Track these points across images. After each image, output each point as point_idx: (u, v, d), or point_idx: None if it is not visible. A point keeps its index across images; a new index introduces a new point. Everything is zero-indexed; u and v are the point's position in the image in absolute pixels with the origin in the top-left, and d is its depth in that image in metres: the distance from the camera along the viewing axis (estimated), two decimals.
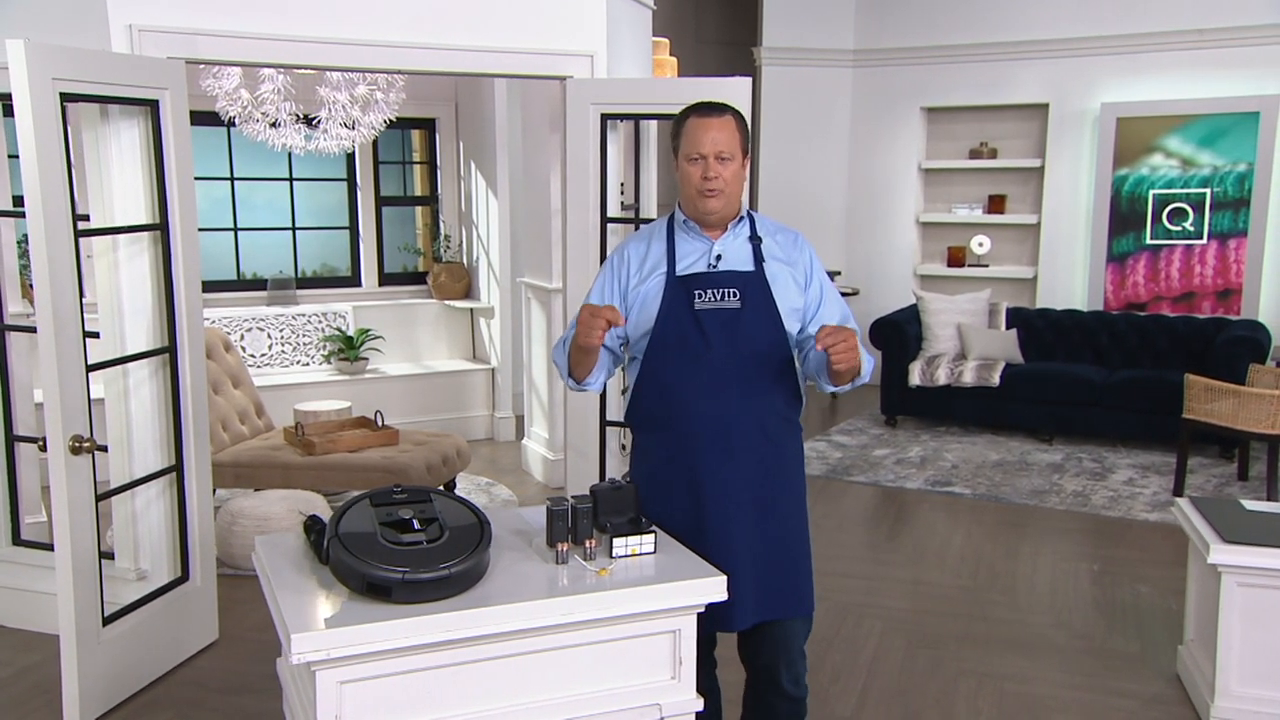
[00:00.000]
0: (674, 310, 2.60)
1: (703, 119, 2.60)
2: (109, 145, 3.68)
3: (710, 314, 2.59)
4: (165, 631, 3.77)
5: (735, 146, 2.61)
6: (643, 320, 2.65)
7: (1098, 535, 5.36)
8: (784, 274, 2.66)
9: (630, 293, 2.68)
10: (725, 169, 2.59)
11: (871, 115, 8.86)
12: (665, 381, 2.63)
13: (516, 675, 2.23)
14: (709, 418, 2.59)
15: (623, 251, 2.76)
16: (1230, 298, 7.63)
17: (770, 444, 2.64)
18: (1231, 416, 5.66)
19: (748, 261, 2.65)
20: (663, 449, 2.67)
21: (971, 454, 6.81)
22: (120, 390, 3.79)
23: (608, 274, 2.75)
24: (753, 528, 2.61)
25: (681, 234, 2.69)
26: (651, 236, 2.74)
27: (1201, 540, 3.44)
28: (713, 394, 2.59)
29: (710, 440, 2.59)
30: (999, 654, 4.00)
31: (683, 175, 2.64)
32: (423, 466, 5.10)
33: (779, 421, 2.66)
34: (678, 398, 2.62)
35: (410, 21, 4.22)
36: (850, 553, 5.12)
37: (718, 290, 2.60)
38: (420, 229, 7.93)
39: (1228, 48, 7.51)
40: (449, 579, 2.16)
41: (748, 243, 2.67)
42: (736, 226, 2.68)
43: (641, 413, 2.71)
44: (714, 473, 2.59)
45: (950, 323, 7.56)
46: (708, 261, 2.64)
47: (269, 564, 2.36)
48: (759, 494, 2.62)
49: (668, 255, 2.66)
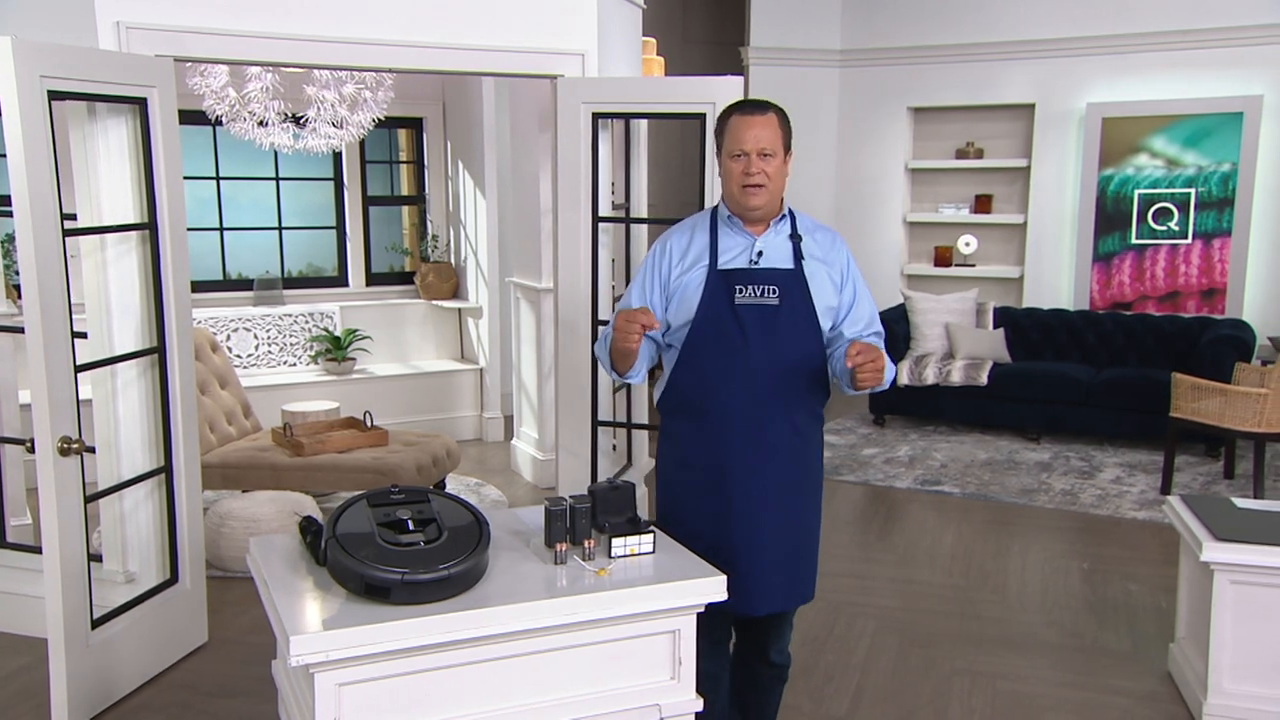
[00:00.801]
0: (715, 303, 2.65)
1: (746, 116, 2.66)
2: (96, 144, 3.64)
3: (750, 309, 2.63)
4: (154, 634, 3.73)
5: (778, 143, 2.65)
6: (683, 311, 2.70)
7: (1087, 533, 5.38)
8: (821, 272, 2.71)
9: (672, 283, 2.73)
10: (768, 165, 2.63)
11: (859, 115, 8.88)
12: (702, 372, 2.68)
13: (516, 676, 2.22)
14: (744, 411, 2.65)
15: (665, 243, 2.80)
16: (1215, 297, 7.68)
17: (800, 438, 2.70)
18: (1218, 415, 5.69)
19: (788, 259, 2.70)
20: (695, 437, 2.71)
21: (960, 453, 6.82)
22: (108, 391, 3.75)
23: (649, 266, 2.80)
24: (780, 518, 2.68)
25: (725, 228, 2.74)
26: (695, 229, 2.79)
27: (1194, 538, 3.45)
28: (748, 388, 2.64)
29: (743, 432, 2.65)
30: (992, 652, 4.01)
31: (726, 171, 2.69)
32: (413, 467, 5.08)
33: (808, 417, 2.73)
34: (714, 389, 2.66)
35: (400, 20, 4.20)
36: (842, 552, 5.12)
37: (758, 287, 2.65)
38: (407, 229, 7.89)
39: (1212, 48, 7.55)
40: (449, 580, 2.14)
41: (788, 240, 2.73)
42: (778, 224, 2.73)
43: (676, 400, 2.76)
44: (745, 464, 2.65)
45: (938, 322, 7.58)
46: (749, 257, 2.69)
47: (264, 566, 2.34)
48: (787, 486, 2.69)
49: (710, 248, 2.71)
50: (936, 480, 6.23)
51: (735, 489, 2.66)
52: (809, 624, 4.22)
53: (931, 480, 6.23)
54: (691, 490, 2.71)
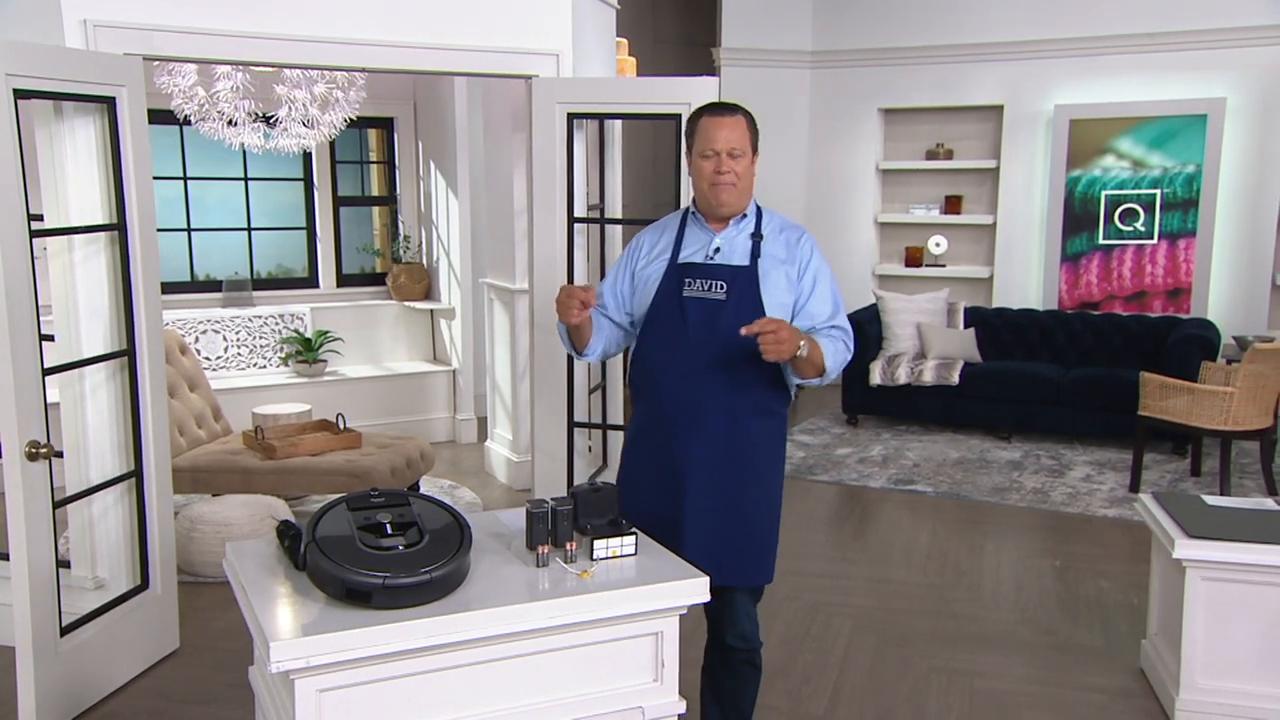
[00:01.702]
0: (666, 294, 2.79)
1: (716, 117, 2.79)
2: (63, 143, 3.58)
3: (695, 301, 2.75)
4: (125, 641, 3.68)
5: (746, 144, 2.78)
6: (644, 300, 2.85)
7: (1058, 531, 5.43)
8: (778, 271, 2.79)
9: (638, 274, 2.90)
10: (737, 165, 2.76)
11: (830, 116, 8.92)
12: (649, 359, 2.84)
13: (498, 680, 2.20)
14: (679, 398, 2.77)
15: (639, 238, 2.98)
16: (1180, 297, 7.78)
17: (739, 429, 2.77)
18: (1185, 413, 5.76)
19: (744, 256, 2.80)
20: (642, 418, 2.89)
21: (933, 452, 6.87)
22: (76, 394, 3.69)
23: (624, 257, 2.97)
24: (714, 502, 2.76)
25: (691, 225, 2.88)
26: (666, 226, 2.95)
27: (1166, 535, 3.49)
28: (685, 377, 2.75)
29: (680, 418, 2.77)
30: (967, 650, 4.03)
31: (696, 170, 2.81)
32: (386, 470, 5.04)
33: (752, 410, 2.79)
34: (656, 375, 2.82)
35: (374, 19, 4.16)
36: (817, 551, 5.14)
37: (706, 281, 2.77)
38: (378, 229, 7.83)
39: (1178, 51, 7.65)
40: (430, 584, 2.12)
41: (749, 238, 2.82)
42: (740, 222, 2.85)
43: (632, 384, 2.94)
44: (683, 448, 2.76)
45: (910, 322, 7.62)
46: (706, 253, 2.81)
47: (241, 571, 2.31)
48: (724, 474, 2.77)
49: (675, 244, 2.86)
50: (910, 479, 6.27)
51: (675, 471, 2.76)
52: (786, 624, 4.23)
53: (905, 479, 6.27)
54: (639, 467, 2.86)
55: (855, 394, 7.55)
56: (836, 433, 7.40)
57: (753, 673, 2.95)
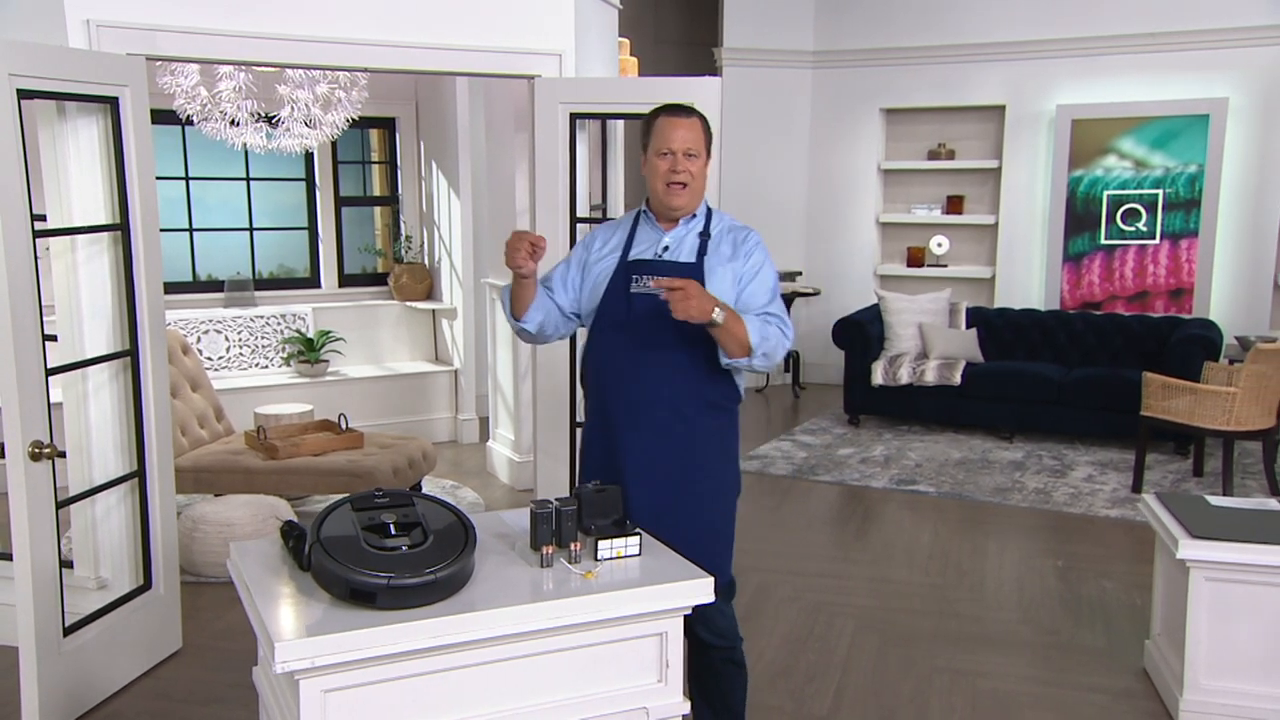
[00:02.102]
0: (615, 289, 2.84)
1: (672, 118, 2.84)
2: (66, 143, 3.58)
3: (642, 298, 2.79)
4: (128, 641, 3.67)
5: (701, 145, 2.84)
6: (593, 296, 2.89)
7: (1060, 532, 5.43)
8: (724, 269, 2.84)
9: (589, 267, 2.93)
10: (692, 165, 2.82)
11: (831, 116, 8.91)
12: (596, 354, 2.89)
13: (502, 680, 2.20)
14: (624, 393, 2.82)
15: (594, 232, 3.04)
16: (1182, 297, 7.78)
17: (684, 424, 2.81)
18: (1188, 414, 5.76)
19: (691, 254, 2.85)
20: (592, 416, 2.95)
21: (934, 452, 6.86)
22: (79, 394, 3.68)
23: (577, 249, 3.03)
24: (661, 498, 2.78)
25: (643, 224, 2.94)
26: (620, 224, 3.01)
27: (1169, 535, 3.49)
28: (630, 372, 2.80)
29: (624, 413, 2.82)
30: (970, 651, 4.03)
31: (651, 169, 2.86)
32: (389, 470, 5.03)
33: (698, 404, 2.83)
34: (602, 370, 2.87)
35: (376, 19, 4.16)
36: (820, 552, 5.13)
37: (654, 278, 2.79)
38: (380, 229, 7.83)
39: (1180, 51, 7.65)
40: (435, 584, 2.12)
41: (697, 237, 2.88)
42: (689, 221, 2.90)
43: (585, 379, 2.99)
44: (628, 443, 2.81)
45: (912, 322, 7.62)
46: (655, 251, 2.87)
47: (246, 572, 2.30)
48: (670, 469, 2.80)
49: (626, 241, 2.91)
50: (912, 480, 6.27)
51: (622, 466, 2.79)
52: (789, 624, 4.23)
53: (907, 480, 6.27)
54: (590, 461, 2.90)
55: (857, 394, 7.54)
56: (838, 433, 7.40)
57: (736, 670, 2.96)
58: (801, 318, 8.95)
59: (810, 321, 8.96)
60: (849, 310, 8.19)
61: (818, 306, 8.90)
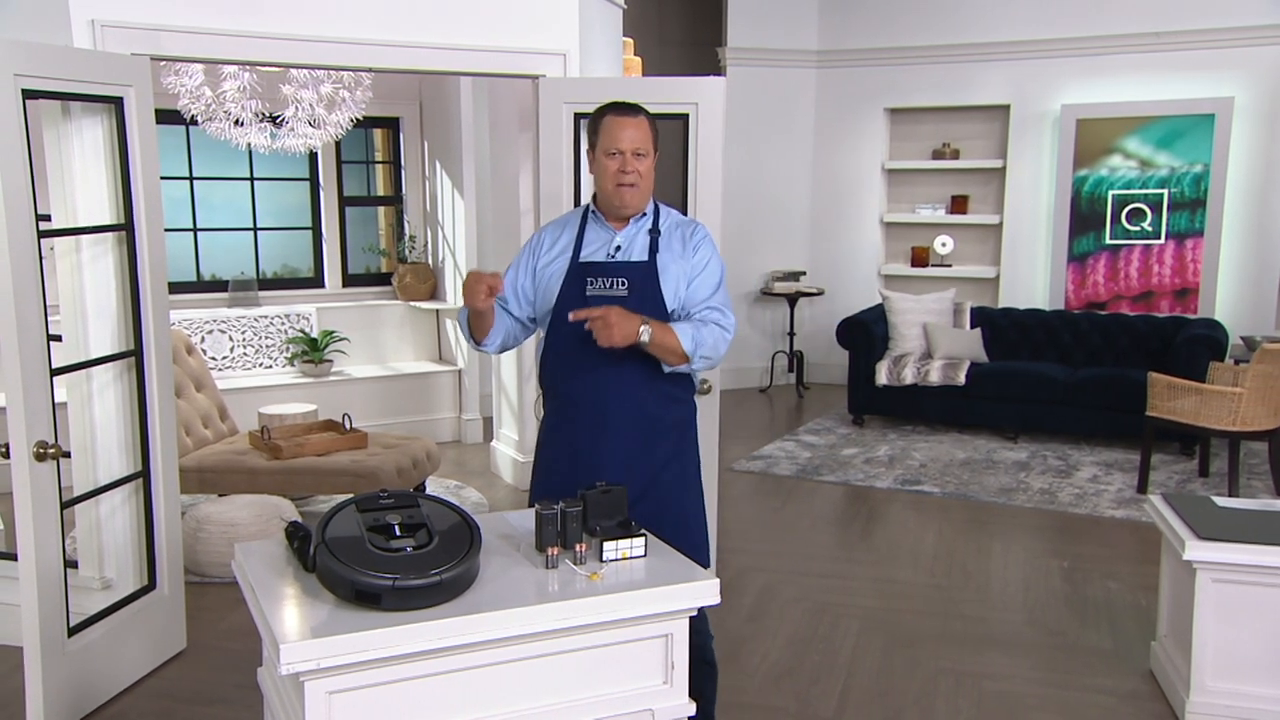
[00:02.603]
0: (570, 293, 2.83)
1: (620, 117, 2.84)
2: (71, 143, 3.58)
3: (599, 300, 2.78)
4: (132, 642, 3.67)
5: (649, 144, 2.84)
6: (546, 299, 2.88)
7: (1066, 532, 5.41)
8: (676, 265, 2.87)
9: (539, 271, 2.91)
10: (641, 164, 2.81)
11: (835, 116, 8.90)
12: (555, 357, 2.88)
13: (507, 682, 2.19)
14: (586, 394, 2.82)
15: (540, 234, 3.01)
16: (1187, 297, 7.76)
17: (649, 421, 2.84)
18: (1193, 414, 5.74)
19: (643, 252, 2.87)
20: (551, 417, 2.94)
21: (939, 452, 6.85)
22: (84, 395, 3.69)
23: (525, 252, 2.99)
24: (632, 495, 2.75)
25: (591, 224, 2.92)
26: (567, 223, 2.98)
27: (1176, 537, 3.48)
28: (592, 372, 2.80)
29: (587, 414, 2.82)
30: (975, 652, 4.02)
31: (600, 169, 2.86)
32: (393, 470, 5.03)
33: (660, 399, 2.86)
34: (563, 373, 2.87)
35: (380, 19, 4.15)
36: (824, 552, 5.12)
37: (609, 279, 2.82)
38: (384, 229, 7.83)
39: (1185, 51, 7.63)
40: (440, 585, 2.11)
41: (647, 235, 2.89)
42: (639, 220, 2.91)
43: (543, 383, 2.97)
44: (592, 445, 2.81)
45: (916, 322, 7.61)
46: (608, 251, 2.87)
47: (251, 573, 2.30)
48: (638, 468, 2.81)
49: (575, 242, 2.89)
50: (916, 480, 6.25)
51: (582, 470, 2.76)
52: (793, 625, 4.22)
53: (911, 480, 6.25)
54: (547, 467, 2.89)
55: (861, 394, 7.53)
56: (842, 433, 7.38)
57: (708, 670, 2.95)
58: (805, 317, 8.94)
59: (814, 321, 8.95)
60: (853, 310, 8.18)
61: (822, 306, 8.89)
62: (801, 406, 8.31)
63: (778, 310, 8.94)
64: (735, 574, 4.76)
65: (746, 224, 8.80)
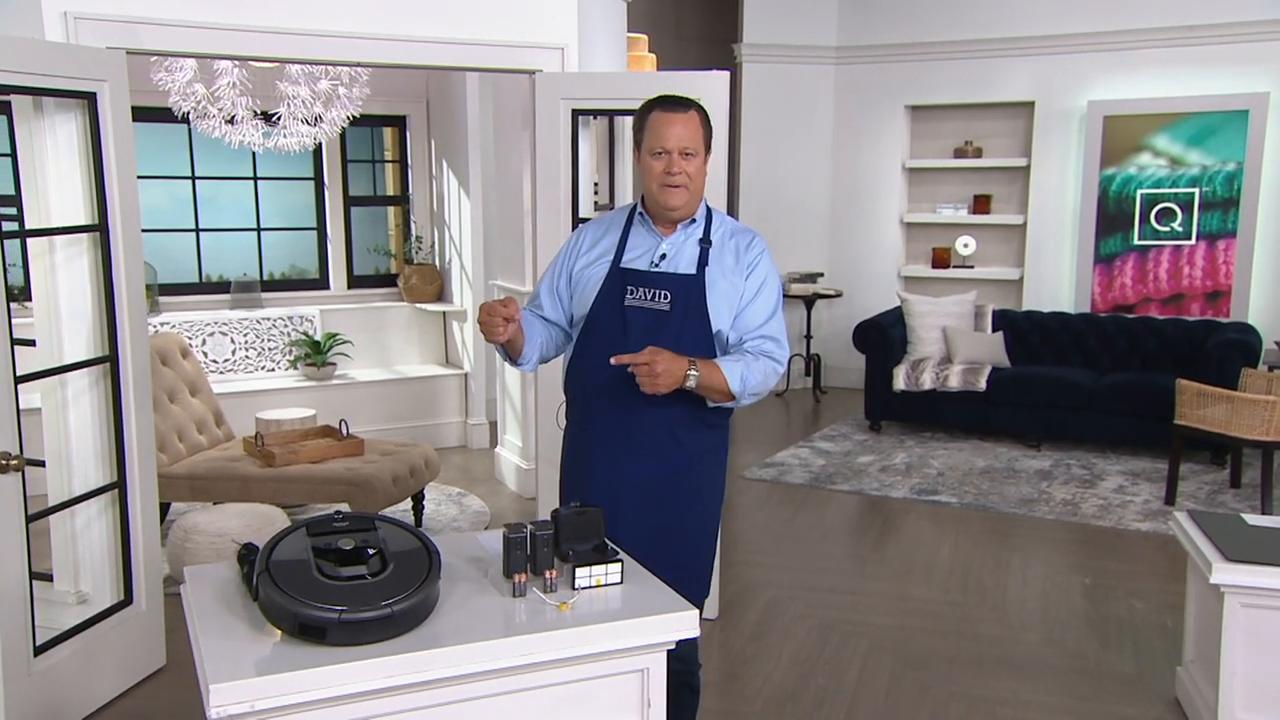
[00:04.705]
0: (607, 301, 2.64)
1: (667, 113, 2.62)
2: (44, 140, 3.44)
3: (638, 311, 2.61)
4: (106, 659, 3.53)
5: (699, 142, 2.62)
6: (582, 302, 2.69)
7: (1089, 546, 5.19)
8: (726, 280, 2.66)
9: (576, 274, 2.72)
10: (689, 165, 2.60)
11: (855, 113, 8.68)
12: (584, 368, 2.69)
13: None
14: (618, 414, 2.63)
15: (580, 233, 2.80)
16: (1219, 299, 7.49)
17: (677, 445, 2.65)
18: (1224, 423, 5.50)
19: (691, 264, 2.66)
20: (576, 429, 2.77)
21: (958, 460, 6.63)
22: (58, 402, 3.55)
23: (562, 254, 2.80)
24: (652, 523, 2.63)
25: (637, 226, 2.73)
26: (610, 223, 2.77)
27: (1203, 558, 3.26)
28: (620, 390, 2.58)
29: (617, 435, 2.64)
30: (990, 675, 3.81)
31: (646, 169, 2.65)
32: (388, 478, 4.88)
33: (693, 424, 2.66)
34: (590, 385, 2.67)
35: (370, 12, 4.00)
36: (835, 565, 4.93)
37: (650, 290, 2.62)
38: (393, 230, 7.69)
39: (1217, 44, 7.36)
40: (391, 618, 1.95)
41: (697, 244, 2.68)
42: (688, 227, 2.70)
43: (568, 390, 2.80)
44: (611, 461, 2.65)
45: (935, 325, 7.38)
46: (651, 259, 2.66)
47: (195, 600, 2.14)
48: (653, 490, 2.65)
49: (618, 245, 2.69)
50: (933, 489, 6.04)
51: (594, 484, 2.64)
52: (798, 644, 4.03)
53: (928, 489, 6.04)
54: (569, 476, 2.76)
55: (878, 400, 7.32)
56: (858, 439, 7.17)
57: (690, 696, 2.79)
58: (823, 320, 8.73)
59: (832, 324, 8.74)
60: (873, 312, 7.96)
61: (840, 308, 8.67)
62: (818, 411, 8.10)
63: (795, 312, 8.73)
64: (741, 588, 4.57)
65: (762, 224, 8.58)
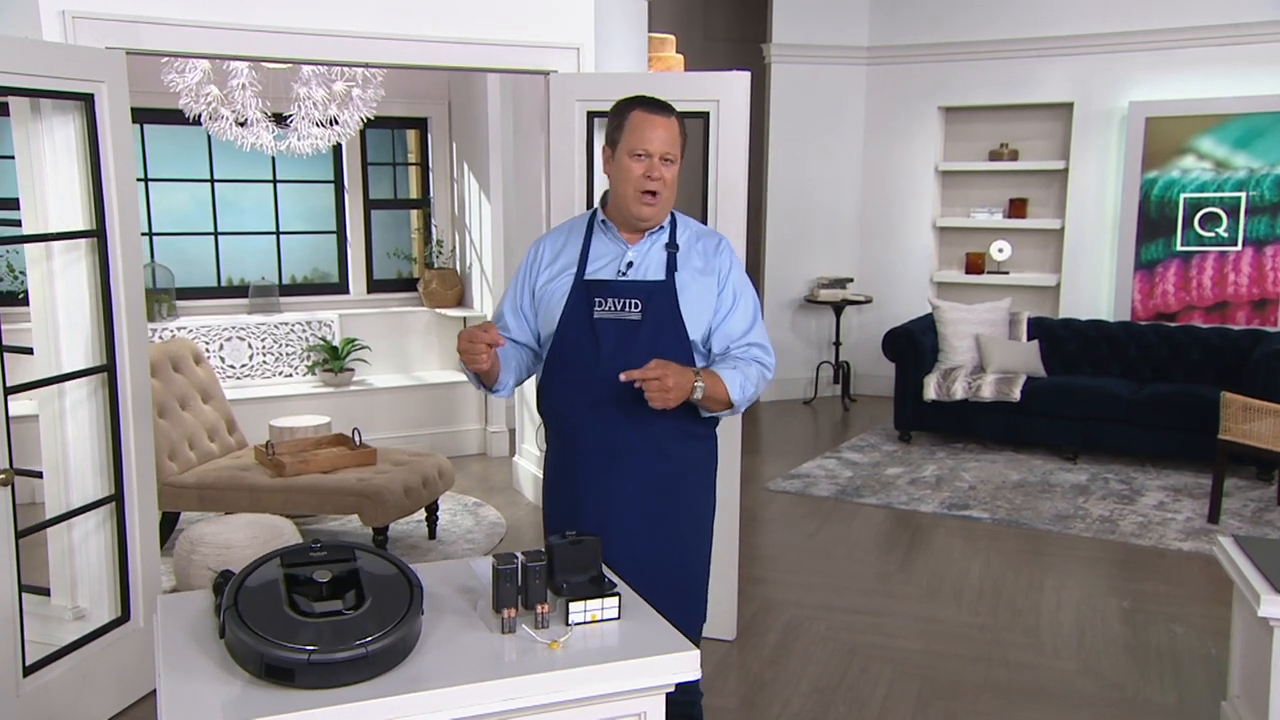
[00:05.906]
0: (574, 317, 2.53)
1: (651, 115, 2.54)
2: (41, 143, 3.35)
3: (608, 324, 2.50)
4: (101, 679, 3.43)
5: (678, 149, 2.55)
6: (548, 320, 2.58)
7: (1127, 566, 4.97)
8: (697, 283, 2.55)
9: (539, 290, 2.60)
10: (668, 171, 2.52)
11: (886, 115, 8.48)
12: (557, 388, 2.58)
13: None
14: (593, 432, 2.53)
15: (538, 247, 2.68)
16: (1267, 308, 7.21)
17: (665, 460, 2.56)
18: (1272, 438, 5.26)
19: (659, 270, 2.54)
20: (557, 456, 2.65)
21: (990, 473, 6.41)
22: (55, 412, 3.46)
23: (522, 271, 2.67)
24: (635, 545, 2.50)
25: (599, 234, 2.60)
26: (570, 232, 2.65)
27: (1250, 589, 3.05)
28: (600, 408, 2.50)
29: (594, 454, 2.54)
30: (1021, 706, 3.62)
31: (622, 171, 2.52)
32: (400, 489, 4.76)
33: (678, 436, 2.57)
34: (567, 407, 2.56)
35: (379, 11, 3.87)
36: (859, 584, 4.74)
37: (619, 300, 2.51)
38: (415, 233, 7.58)
39: (1263, 43, 7.09)
40: (366, 659, 1.81)
41: (663, 250, 2.56)
42: (655, 233, 2.58)
43: (542, 411, 2.67)
44: (598, 484, 2.54)
45: (968, 333, 7.17)
46: (618, 268, 2.55)
47: (164, 633, 2.01)
48: (647, 510, 2.55)
49: (580, 255, 2.56)
50: (964, 504, 5.83)
51: (583, 511, 2.53)
52: (819, 668, 3.86)
53: (959, 504, 5.83)
54: (558, 510, 2.64)
55: (908, 410, 7.11)
56: (887, 450, 6.97)
57: None
58: (853, 326, 8.53)
59: (862, 330, 8.54)
60: (903, 319, 7.76)
61: (870, 315, 8.47)
62: (846, 421, 7.91)
63: (823, 318, 8.54)
64: (760, 608, 4.40)
65: (791, 228, 8.43)
